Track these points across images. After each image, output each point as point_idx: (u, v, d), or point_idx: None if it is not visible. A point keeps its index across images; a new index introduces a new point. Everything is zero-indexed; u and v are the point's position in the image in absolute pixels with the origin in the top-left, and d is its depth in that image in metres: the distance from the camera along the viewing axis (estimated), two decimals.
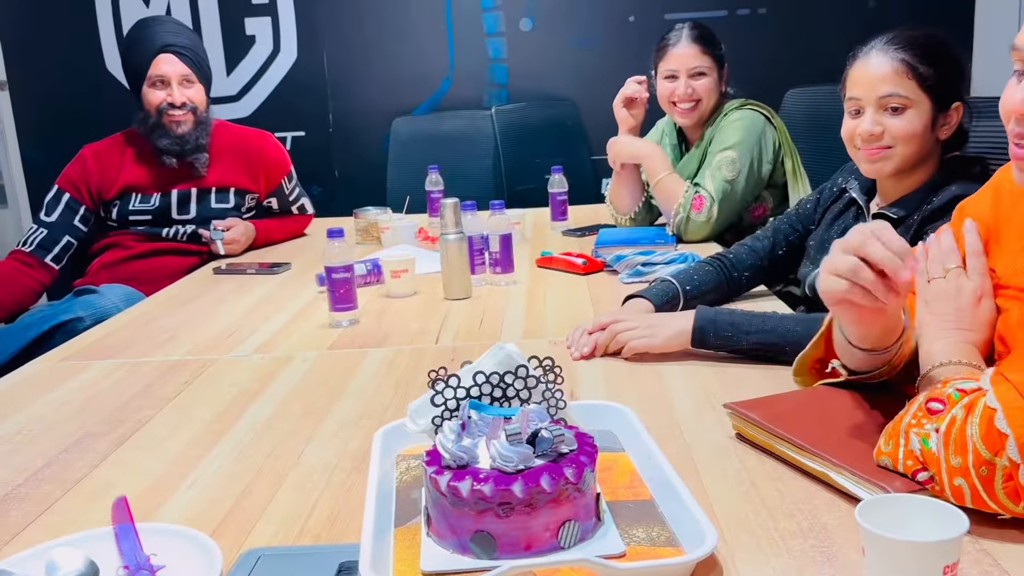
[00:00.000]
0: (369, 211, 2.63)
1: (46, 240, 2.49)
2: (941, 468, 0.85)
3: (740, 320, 1.38)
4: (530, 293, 1.95)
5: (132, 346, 1.71)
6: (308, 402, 1.35)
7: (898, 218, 1.48)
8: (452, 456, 0.86)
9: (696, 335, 1.39)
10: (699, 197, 2.21)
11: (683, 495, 0.89)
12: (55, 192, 2.53)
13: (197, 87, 2.52)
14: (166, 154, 2.50)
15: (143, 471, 1.12)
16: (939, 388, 0.90)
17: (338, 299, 1.76)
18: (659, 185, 2.28)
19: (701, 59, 2.29)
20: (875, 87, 1.44)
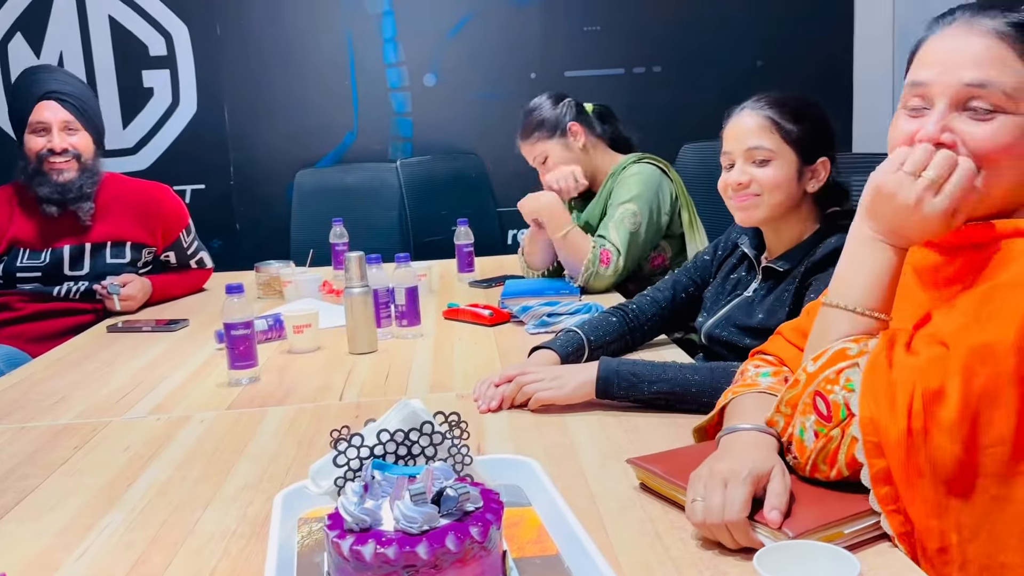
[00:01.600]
0: (271, 265, 2.58)
1: None
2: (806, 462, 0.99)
3: (642, 371, 1.41)
4: (437, 345, 1.94)
5: (17, 410, 1.63)
6: (206, 465, 1.30)
7: (784, 271, 1.56)
8: (354, 519, 0.84)
9: (600, 386, 1.41)
10: (605, 251, 2.25)
11: (589, 548, 0.89)
12: None
13: (82, 134, 2.44)
14: (47, 202, 2.41)
15: (26, 544, 1.06)
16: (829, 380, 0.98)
17: (237, 356, 1.71)
18: (565, 240, 2.31)
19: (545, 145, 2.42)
20: (743, 140, 1.55)
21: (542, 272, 2.51)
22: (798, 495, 0.97)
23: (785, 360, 1.22)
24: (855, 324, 1.02)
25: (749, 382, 1.19)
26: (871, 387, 0.94)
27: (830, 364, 0.99)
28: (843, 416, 0.96)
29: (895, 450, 0.91)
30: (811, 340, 1.07)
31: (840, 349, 1.00)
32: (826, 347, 1.01)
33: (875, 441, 0.92)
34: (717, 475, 0.96)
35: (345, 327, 1.92)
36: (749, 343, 1.49)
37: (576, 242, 2.29)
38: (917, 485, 0.90)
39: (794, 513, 0.95)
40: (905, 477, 0.91)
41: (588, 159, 2.42)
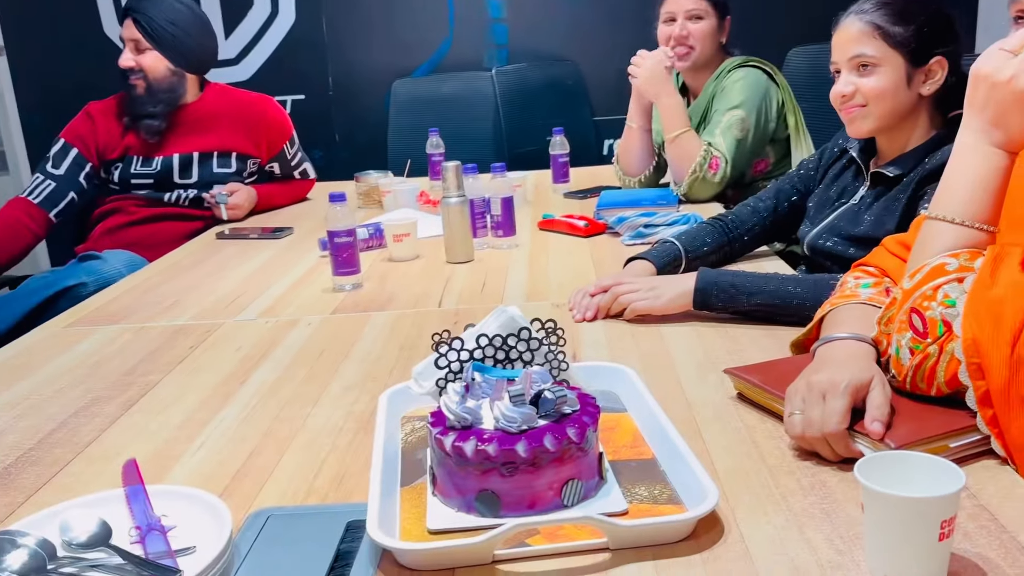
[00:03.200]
0: (370, 175, 2.62)
1: (54, 194, 2.45)
2: (904, 380, 0.97)
3: (742, 282, 1.39)
4: (532, 256, 1.95)
5: (136, 312, 1.72)
6: (313, 366, 1.36)
7: (894, 176, 1.49)
8: (456, 417, 0.87)
9: (698, 297, 1.40)
10: (715, 158, 2.21)
11: (685, 454, 0.90)
12: (62, 145, 2.50)
13: (151, 54, 2.47)
14: (125, 115, 2.49)
15: (151, 434, 1.14)
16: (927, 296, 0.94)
17: (341, 263, 1.76)
18: (678, 141, 2.26)
19: (699, 2, 2.29)
20: (846, 49, 1.49)
21: (638, 180, 2.47)
22: (899, 408, 0.96)
23: (888, 272, 1.18)
24: (958, 237, 0.98)
25: (848, 293, 1.16)
26: (974, 307, 0.91)
27: (927, 280, 0.95)
28: (940, 332, 0.93)
29: (996, 374, 0.88)
30: (912, 255, 1.04)
31: (939, 264, 0.96)
32: (925, 262, 0.97)
33: (978, 363, 0.89)
34: (815, 387, 0.95)
35: (442, 237, 1.95)
36: (854, 254, 1.44)
37: (688, 144, 2.24)
38: (1017, 411, 0.88)
39: (895, 425, 0.93)
40: (1005, 402, 0.88)
41: (709, 55, 2.34)
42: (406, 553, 0.80)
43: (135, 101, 2.47)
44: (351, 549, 0.84)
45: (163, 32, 2.48)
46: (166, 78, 2.49)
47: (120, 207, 2.53)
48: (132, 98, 2.48)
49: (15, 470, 1.05)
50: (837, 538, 0.80)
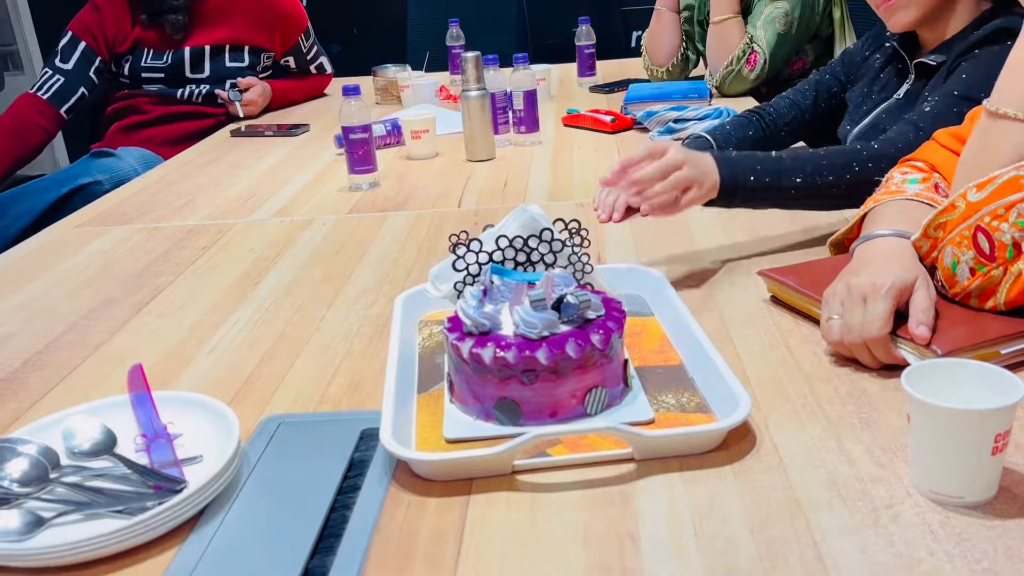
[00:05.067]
0: (388, 69, 2.52)
1: (63, 89, 2.38)
2: (956, 295, 0.91)
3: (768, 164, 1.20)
4: (555, 153, 1.87)
5: (150, 211, 1.68)
6: (328, 267, 1.31)
7: (937, 64, 1.38)
8: (474, 322, 0.82)
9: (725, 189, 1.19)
10: (754, 53, 2.09)
11: (715, 360, 0.85)
12: (70, 38, 2.41)
13: None
14: (143, 9, 2.38)
15: (161, 338, 1.10)
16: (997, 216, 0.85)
17: (356, 161, 1.70)
18: (721, 27, 2.13)
19: None
20: None
21: (665, 69, 2.36)
22: (944, 312, 0.89)
23: (937, 167, 1.09)
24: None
25: (894, 189, 1.08)
26: None
27: (998, 195, 0.85)
28: (1009, 255, 0.85)
29: None
30: (969, 156, 0.94)
31: (1013, 177, 0.85)
32: (995, 172, 0.88)
33: None
34: (855, 290, 0.89)
35: (462, 133, 1.87)
36: None
37: (730, 32, 2.12)
38: None
39: (941, 330, 0.87)
40: None
41: None
42: (422, 463, 0.77)
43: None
44: (365, 458, 0.80)
45: None
46: None
47: (134, 104, 2.46)
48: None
49: (21, 374, 1.03)
50: (878, 449, 0.75)
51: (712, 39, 2.17)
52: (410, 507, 0.73)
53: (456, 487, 0.75)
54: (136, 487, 0.74)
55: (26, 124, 2.34)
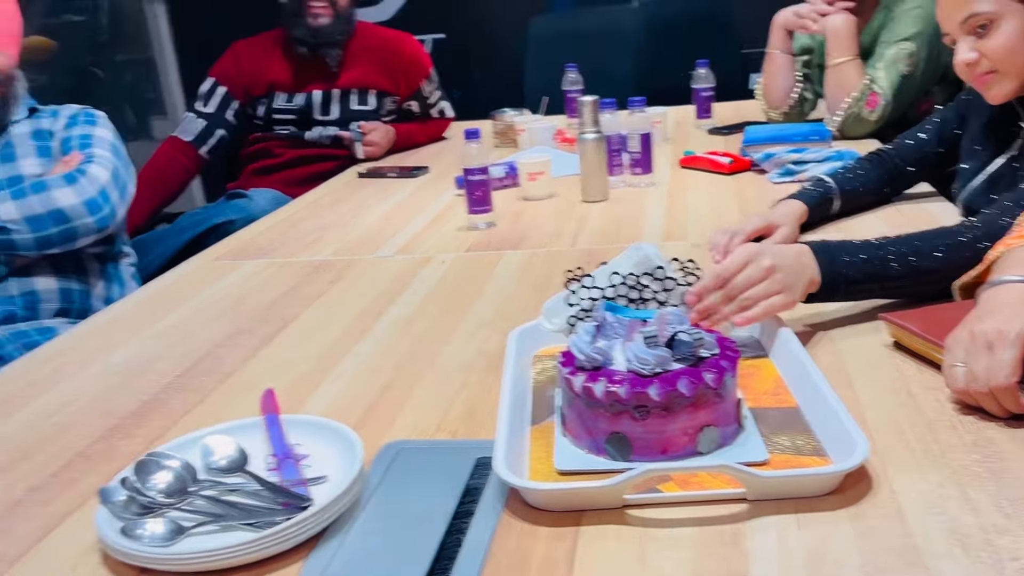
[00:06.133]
0: (506, 113, 2.59)
1: (204, 131, 2.57)
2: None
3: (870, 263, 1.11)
4: (671, 194, 1.88)
5: (280, 247, 1.77)
6: (446, 302, 1.36)
7: None
8: (587, 357, 0.84)
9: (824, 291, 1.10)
10: (874, 95, 2.05)
11: (832, 403, 0.84)
12: (210, 84, 2.60)
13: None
14: (301, 44, 2.52)
15: (290, 365, 1.17)
16: None
17: (475, 201, 1.75)
18: (839, 69, 2.10)
19: None
20: (953, 15, 1.30)
21: (781, 112, 2.34)
22: None
23: None
24: None
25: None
26: None
27: None
28: None
29: None
30: None
31: None
32: None
33: None
34: (980, 336, 0.86)
35: (578, 175, 1.91)
36: None
37: (849, 74, 2.09)
38: None
39: None
40: None
41: None
42: (534, 492, 0.78)
43: (317, 31, 2.50)
44: (479, 485, 0.83)
45: None
46: (348, 6, 2.54)
47: (267, 148, 2.61)
48: (315, 28, 2.49)
49: (164, 396, 1.10)
50: (1004, 500, 0.73)
51: (830, 81, 2.14)
52: (522, 535, 0.75)
53: (567, 518, 0.76)
54: (266, 503, 0.79)
55: (171, 165, 2.54)
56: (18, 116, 1.74)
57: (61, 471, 0.93)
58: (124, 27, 4.64)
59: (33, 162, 1.70)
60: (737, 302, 1.02)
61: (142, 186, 2.34)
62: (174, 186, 2.55)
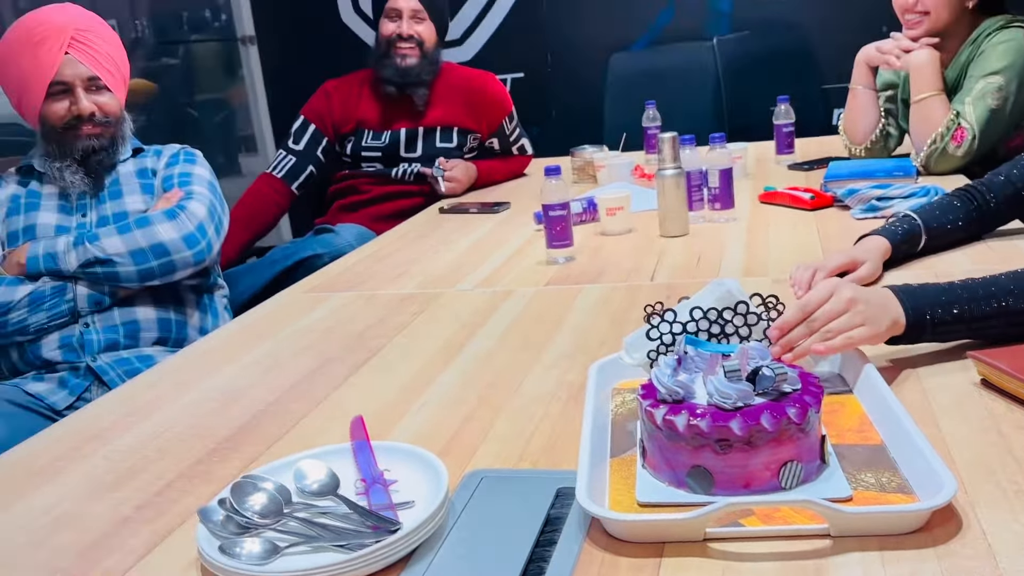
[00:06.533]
0: (585, 149, 2.63)
1: (294, 168, 2.68)
2: None
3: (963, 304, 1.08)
4: (751, 230, 1.88)
5: (367, 280, 1.83)
6: (527, 335, 1.38)
7: None
8: (668, 390, 0.85)
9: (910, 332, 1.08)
10: (961, 130, 2.01)
11: (918, 441, 0.83)
12: (301, 122, 2.71)
13: (427, 24, 2.61)
14: (388, 83, 2.62)
15: (377, 394, 1.20)
16: None
17: (555, 236, 1.78)
18: (923, 105, 2.08)
19: None
20: None
21: (864, 147, 2.31)
22: None
23: None
24: None
25: None
26: None
27: None
28: None
29: None
30: None
31: None
32: None
33: None
34: None
35: (656, 211, 1.92)
36: None
37: (933, 109, 2.06)
38: None
39: None
40: None
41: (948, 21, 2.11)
42: (616, 523, 0.80)
43: (406, 71, 2.59)
44: (561, 515, 0.84)
45: (438, 3, 2.63)
46: (435, 48, 2.64)
47: (353, 185, 2.70)
48: (400, 68, 2.59)
49: (258, 421, 1.15)
50: None
51: (914, 117, 2.11)
52: (603, 565, 0.76)
53: (648, 549, 0.77)
54: (356, 526, 0.82)
55: (264, 201, 2.65)
56: (124, 155, 1.85)
57: (164, 490, 0.98)
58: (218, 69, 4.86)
59: (137, 199, 1.80)
60: (819, 334, 1.02)
61: (236, 221, 2.46)
62: (266, 221, 2.66)
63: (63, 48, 1.69)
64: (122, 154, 1.82)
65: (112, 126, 1.78)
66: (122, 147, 1.81)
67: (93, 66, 1.72)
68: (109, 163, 1.79)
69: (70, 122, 1.73)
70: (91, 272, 1.68)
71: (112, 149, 1.79)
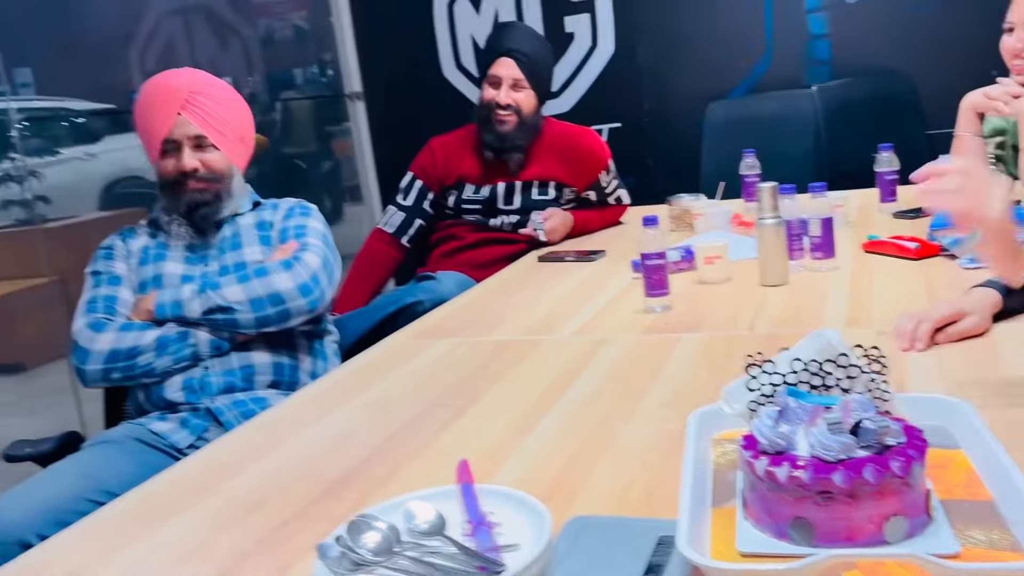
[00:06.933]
0: (683, 198, 2.64)
1: (404, 222, 2.81)
2: None
3: None
4: (854, 280, 1.86)
5: (468, 327, 1.89)
6: (624, 383, 1.40)
7: None
8: (769, 442, 0.86)
9: None
10: None
11: None
12: (410, 178, 2.84)
13: (527, 93, 2.69)
14: (487, 148, 2.72)
15: (480, 438, 1.25)
16: None
17: (652, 285, 1.80)
18: None
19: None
20: None
21: None
22: None
23: None
24: None
25: None
26: None
27: None
28: None
29: None
30: None
31: None
32: None
33: None
34: None
35: (755, 259, 1.92)
36: None
37: None
38: None
39: None
40: None
41: None
42: (719, 572, 0.81)
43: (503, 136, 2.69)
44: (661, 563, 0.86)
45: (540, 72, 2.72)
46: (534, 114, 2.72)
47: (453, 233, 2.79)
48: (498, 133, 2.68)
49: (368, 463, 1.21)
50: None
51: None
52: None
53: None
54: (463, 566, 0.85)
55: (380, 255, 2.80)
56: (244, 209, 1.96)
57: (281, 527, 1.04)
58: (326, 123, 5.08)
59: (256, 249, 1.91)
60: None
61: (358, 276, 2.63)
62: (385, 274, 2.82)
63: (176, 109, 1.83)
64: (230, 208, 1.92)
65: (217, 182, 1.88)
66: (229, 201, 1.92)
67: (201, 126, 1.84)
68: (215, 217, 1.90)
69: (177, 177, 1.86)
70: (212, 319, 1.78)
71: (217, 204, 1.89)
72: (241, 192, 1.96)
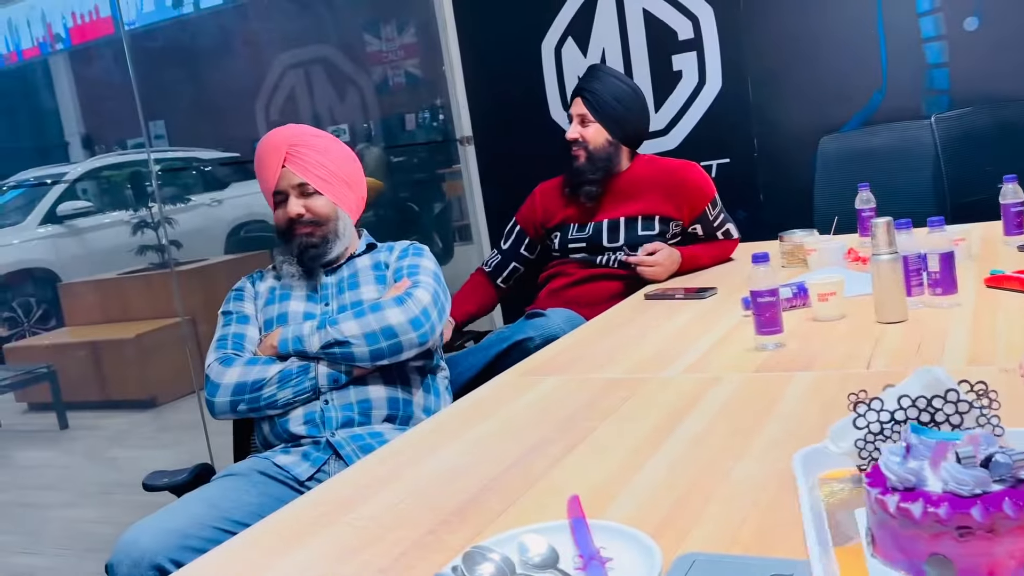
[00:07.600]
0: (795, 234, 2.60)
1: (499, 264, 2.97)
2: None
3: None
4: (977, 316, 1.79)
5: (577, 364, 1.91)
6: (736, 421, 1.39)
7: None
8: (899, 478, 0.85)
9: None
10: None
11: None
12: (511, 224, 2.99)
13: (594, 127, 2.77)
14: (565, 184, 2.84)
15: (591, 473, 1.26)
16: None
17: (763, 323, 1.78)
18: None
19: None
20: None
21: None
22: None
23: None
24: None
25: None
26: None
27: None
28: None
29: None
30: None
31: None
32: None
33: None
34: None
35: (872, 295, 1.87)
36: None
37: None
38: None
39: None
40: None
41: None
42: None
43: (576, 171, 2.79)
44: None
45: (607, 107, 2.77)
46: (604, 148, 2.78)
47: (561, 271, 2.84)
48: (573, 168, 2.80)
49: (483, 496, 1.24)
50: None
51: None
52: None
53: None
54: None
55: (479, 286, 2.96)
56: (359, 250, 2.07)
57: (400, 557, 1.08)
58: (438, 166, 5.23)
59: (371, 288, 2.00)
60: None
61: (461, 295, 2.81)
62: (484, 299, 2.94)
63: (280, 162, 1.98)
64: (339, 249, 2.02)
65: (323, 225, 1.99)
66: (337, 243, 2.02)
67: (302, 173, 1.97)
68: (323, 259, 2.01)
69: (288, 224, 1.99)
70: (330, 353, 1.86)
71: (324, 246, 2.00)
72: (353, 233, 2.07)
